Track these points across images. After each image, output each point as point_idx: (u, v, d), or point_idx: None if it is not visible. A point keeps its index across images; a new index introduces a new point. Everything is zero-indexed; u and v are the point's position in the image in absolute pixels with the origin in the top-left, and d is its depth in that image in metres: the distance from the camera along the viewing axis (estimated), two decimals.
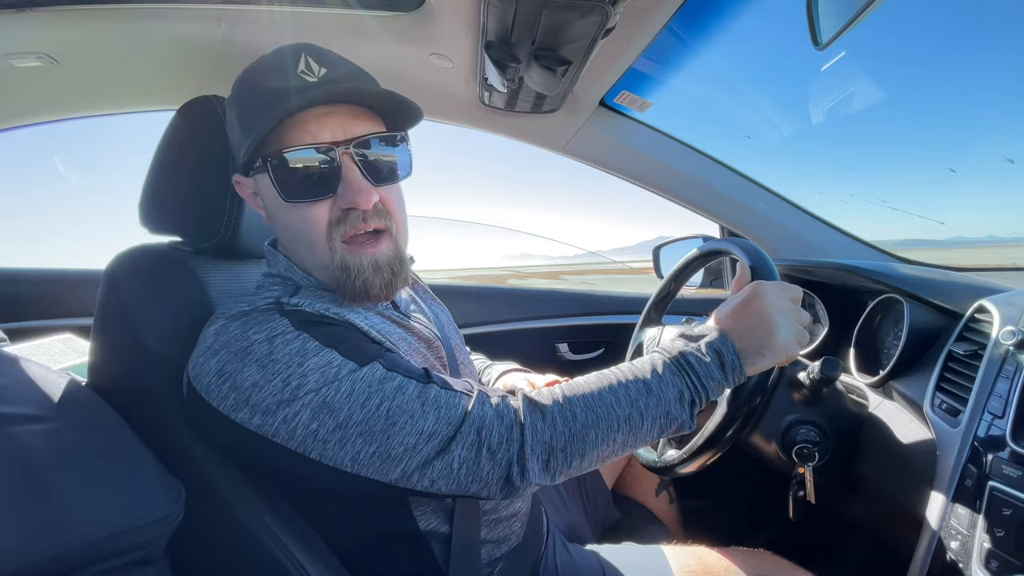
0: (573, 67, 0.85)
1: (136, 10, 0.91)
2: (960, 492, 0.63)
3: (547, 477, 0.55)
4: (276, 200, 0.60)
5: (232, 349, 0.53)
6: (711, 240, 1.38)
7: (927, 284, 0.92)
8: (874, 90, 2.11)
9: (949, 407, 0.71)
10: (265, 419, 0.51)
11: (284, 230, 0.64)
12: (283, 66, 0.58)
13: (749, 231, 1.39)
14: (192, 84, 1.09)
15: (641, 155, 1.31)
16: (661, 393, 0.58)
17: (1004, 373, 0.66)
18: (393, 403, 0.52)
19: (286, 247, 0.67)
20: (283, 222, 0.63)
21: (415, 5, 0.86)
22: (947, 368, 0.76)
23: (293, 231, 0.62)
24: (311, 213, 0.59)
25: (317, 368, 0.52)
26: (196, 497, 0.57)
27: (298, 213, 0.60)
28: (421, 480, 0.53)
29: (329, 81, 0.58)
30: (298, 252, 0.64)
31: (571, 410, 0.56)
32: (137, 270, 0.69)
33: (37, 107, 1.15)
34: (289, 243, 0.65)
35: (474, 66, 0.96)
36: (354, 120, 0.59)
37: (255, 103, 0.58)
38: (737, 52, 1.32)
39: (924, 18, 24.06)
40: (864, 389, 0.92)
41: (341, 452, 0.51)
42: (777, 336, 0.61)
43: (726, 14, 0.97)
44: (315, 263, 0.63)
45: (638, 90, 1.14)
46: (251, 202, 0.67)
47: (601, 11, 0.70)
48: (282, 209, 0.61)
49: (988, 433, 0.63)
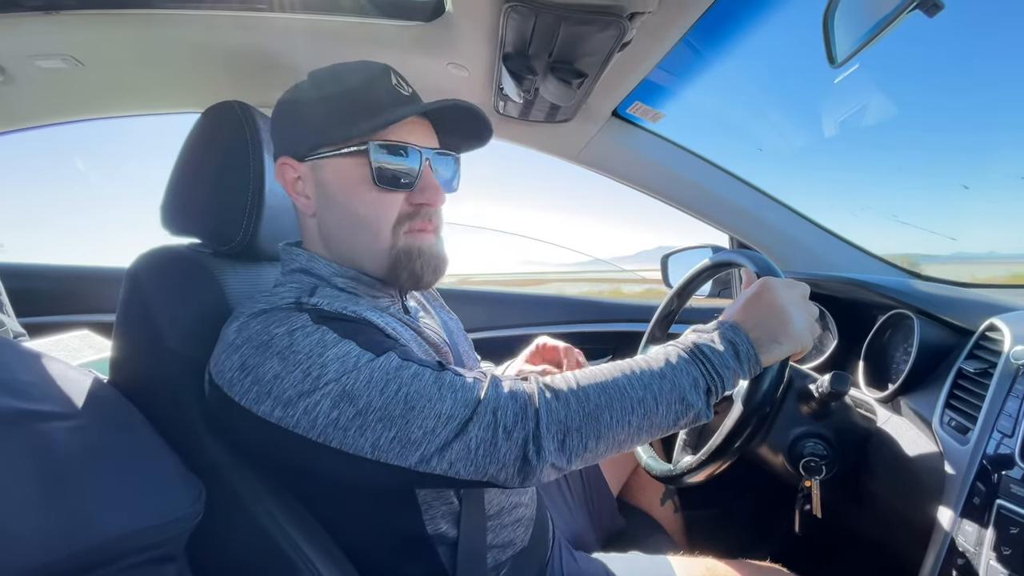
0: (589, 79, 0.86)
1: (158, 16, 0.93)
2: (968, 509, 0.63)
3: (563, 458, 0.55)
4: (355, 184, 0.65)
5: (254, 343, 0.55)
6: (719, 251, 1.39)
7: (938, 300, 0.92)
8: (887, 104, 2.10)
9: (958, 424, 0.71)
10: (286, 410, 0.53)
11: (348, 214, 0.66)
12: (380, 77, 0.66)
13: (759, 243, 1.39)
14: (212, 88, 1.12)
15: (653, 165, 1.31)
16: (675, 379, 0.58)
17: (1014, 392, 0.66)
18: (411, 388, 0.54)
19: (332, 233, 0.68)
20: (352, 206, 0.66)
21: (434, 15, 0.88)
22: (957, 385, 0.76)
23: (360, 215, 0.66)
24: (389, 201, 0.65)
25: (336, 358, 0.54)
26: (213, 496, 0.58)
27: (377, 199, 0.65)
28: (440, 463, 0.54)
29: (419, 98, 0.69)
30: (353, 237, 0.67)
31: (584, 392, 0.57)
32: (158, 271, 0.71)
33: (60, 107, 1.18)
34: (344, 228, 0.67)
35: (490, 76, 0.97)
36: (431, 133, 0.70)
37: (359, 96, 0.65)
38: (750, 65, 1.33)
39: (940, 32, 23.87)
40: (872, 404, 0.92)
41: (361, 439, 0.53)
42: (791, 326, 0.62)
43: (741, 28, 0.98)
44: (370, 249, 0.67)
45: (651, 101, 1.15)
46: (290, 187, 0.69)
47: (619, 26, 0.71)
48: (359, 193, 0.65)
49: (997, 451, 0.64)
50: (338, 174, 0.66)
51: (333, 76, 0.68)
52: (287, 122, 0.70)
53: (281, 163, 0.69)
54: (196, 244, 0.79)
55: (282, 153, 0.69)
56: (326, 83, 0.68)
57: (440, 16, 0.87)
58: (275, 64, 1.03)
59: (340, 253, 0.69)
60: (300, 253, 0.69)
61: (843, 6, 0.67)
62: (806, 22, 0.91)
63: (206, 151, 0.77)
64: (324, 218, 0.68)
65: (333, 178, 0.66)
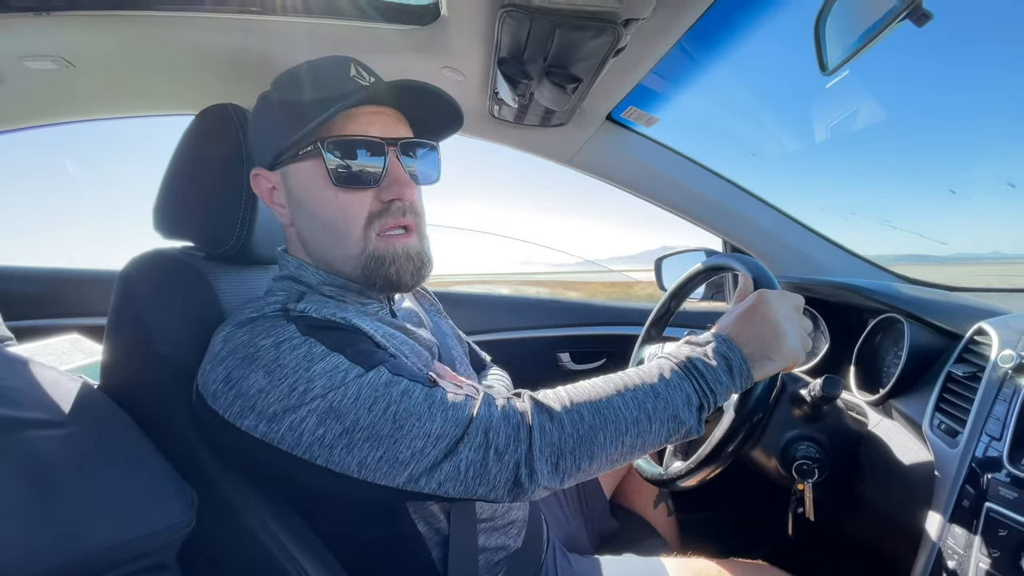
0: (583, 84, 0.86)
1: (153, 17, 0.92)
2: (957, 512, 0.64)
3: (556, 480, 0.55)
4: (316, 187, 0.62)
5: (239, 355, 0.54)
6: (713, 255, 1.40)
7: (927, 304, 0.93)
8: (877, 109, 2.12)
9: (948, 428, 0.72)
10: (271, 426, 0.51)
11: (315, 219, 0.64)
12: (334, 69, 0.64)
13: (752, 246, 1.41)
14: (208, 91, 1.11)
15: (646, 169, 1.32)
16: (669, 396, 0.58)
17: (1002, 396, 0.67)
18: (400, 406, 0.53)
19: (308, 240, 0.66)
20: (317, 211, 0.63)
21: (430, 19, 0.88)
22: (946, 389, 0.77)
23: (328, 219, 0.63)
24: (355, 201, 0.62)
25: (324, 373, 0.52)
26: (204, 503, 0.58)
27: (341, 200, 0.62)
28: (428, 483, 0.53)
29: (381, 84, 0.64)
30: (324, 243, 0.65)
31: (578, 412, 0.56)
32: (151, 274, 0.70)
33: (50, 108, 1.17)
34: (316, 234, 0.65)
35: (485, 80, 0.98)
36: (398, 123, 0.65)
37: (309, 94, 0.62)
38: (743, 71, 1.34)
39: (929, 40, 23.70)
40: (864, 407, 0.93)
41: (348, 457, 0.51)
42: (784, 341, 0.62)
43: (734, 34, 0.99)
44: (342, 254, 0.64)
45: (645, 106, 1.16)
46: (267, 197, 0.68)
47: (613, 31, 0.71)
48: (322, 197, 0.62)
49: (986, 454, 0.64)
50: (301, 179, 0.64)
51: (291, 77, 0.66)
52: (255, 132, 0.69)
53: (254, 174, 0.68)
54: (189, 247, 0.78)
55: (255, 163, 0.68)
56: (283, 86, 0.66)
57: (436, 20, 0.87)
58: (270, 67, 1.02)
59: (319, 259, 0.67)
60: (290, 260, 0.69)
61: (834, 14, 0.68)
62: (798, 28, 0.92)
63: (200, 154, 0.76)
64: (299, 226, 0.67)
65: (297, 184, 0.64)
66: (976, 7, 31.15)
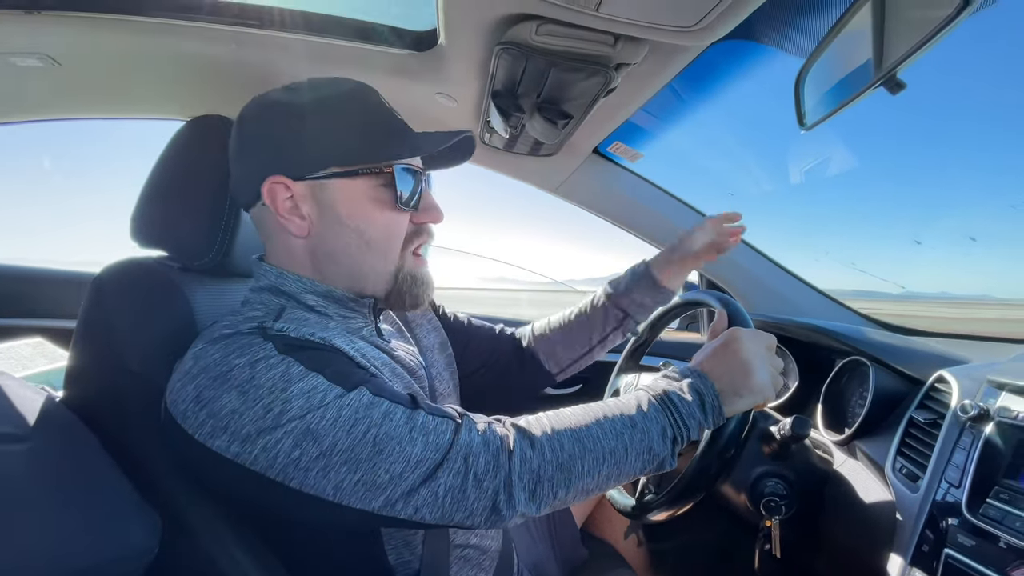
0: (574, 121, 0.89)
1: (146, 23, 0.91)
2: (917, 557, 0.66)
3: (533, 507, 0.55)
4: (366, 205, 0.64)
5: (211, 374, 0.52)
6: (691, 288, 1.43)
7: (892, 350, 0.97)
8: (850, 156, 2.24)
9: (909, 472, 0.75)
10: (244, 447, 0.50)
11: (358, 236, 0.64)
12: (378, 98, 0.66)
13: (728, 282, 1.44)
14: (197, 99, 1.10)
15: (629, 202, 1.35)
16: (645, 428, 0.59)
17: (961, 444, 0.69)
18: (380, 430, 0.52)
19: (334, 254, 0.64)
20: (363, 228, 0.64)
21: (427, 47, 0.89)
22: (908, 434, 0.80)
23: (372, 237, 0.64)
24: (400, 222, 0.66)
25: (302, 394, 0.51)
26: (168, 527, 0.56)
27: (388, 219, 0.65)
28: (405, 508, 0.52)
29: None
30: (361, 258, 0.65)
31: (559, 440, 0.56)
32: (125, 284, 0.68)
33: (33, 105, 1.14)
34: (352, 249, 0.64)
35: (478, 109, 0.99)
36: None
37: (358, 116, 0.64)
38: (726, 114, 1.39)
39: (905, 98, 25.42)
40: (830, 445, 0.96)
41: (324, 480, 0.50)
42: (754, 378, 0.63)
43: (718, 80, 1.03)
44: (378, 270, 0.66)
45: (631, 141, 1.19)
46: (280, 207, 0.63)
47: (605, 74, 0.74)
48: (371, 215, 0.64)
49: (944, 500, 0.67)
50: (349, 195, 0.63)
51: (337, 93, 0.64)
52: (282, 137, 0.63)
53: (273, 182, 0.62)
54: (164, 257, 0.76)
55: (273, 171, 0.62)
56: (332, 99, 0.63)
57: (433, 48, 0.88)
58: (262, 80, 1.02)
59: (336, 275, 0.65)
60: (269, 269, 0.65)
61: (814, 73, 0.72)
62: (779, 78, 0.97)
63: (186, 163, 0.75)
64: (325, 240, 0.64)
65: (344, 199, 0.63)
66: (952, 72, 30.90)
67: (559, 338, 0.96)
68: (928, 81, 24.24)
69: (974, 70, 30.72)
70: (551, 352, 0.96)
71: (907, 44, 0.55)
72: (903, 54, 0.56)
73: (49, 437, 0.52)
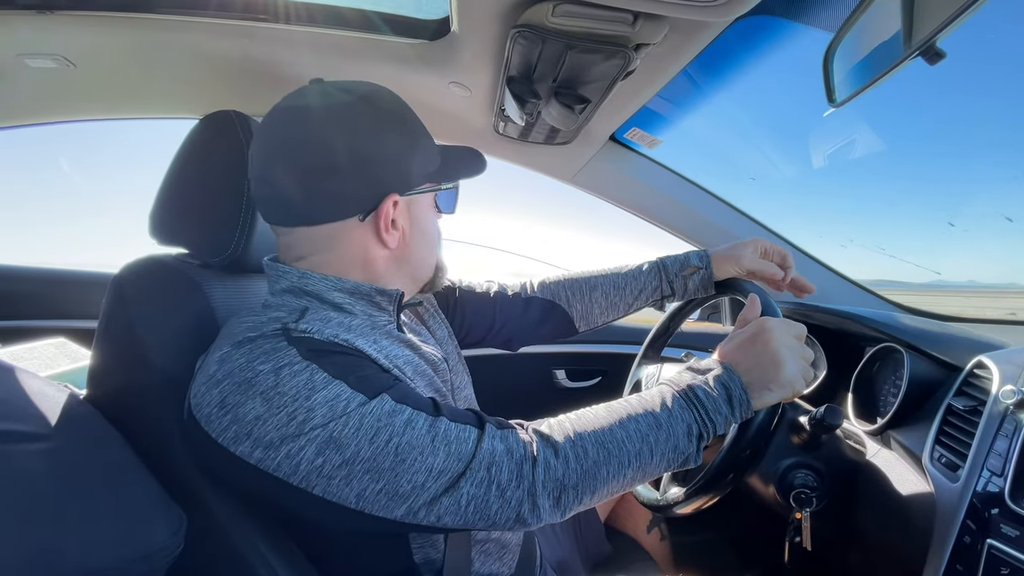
0: (591, 105, 0.86)
1: (158, 20, 0.91)
2: (958, 549, 0.64)
3: (557, 514, 0.55)
4: (430, 212, 0.70)
5: (236, 380, 0.51)
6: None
7: (927, 336, 0.94)
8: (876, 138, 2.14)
9: (948, 461, 0.72)
10: (267, 453, 0.50)
11: (427, 239, 0.70)
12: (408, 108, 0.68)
13: None
14: (210, 96, 1.10)
15: (647, 190, 1.32)
16: (671, 428, 0.58)
17: (1003, 431, 0.67)
18: (403, 439, 0.51)
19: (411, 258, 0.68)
20: (431, 232, 0.71)
21: (439, 35, 0.88)
22: (946, 422, 0.77)
23: (433, 239, 0.72)
24: (438, 221, 0.73)
25: (325, 402, 0.50)
26: (193, 524, 0.56)
27: (438, 221, 0.73)
28: (427, 516, 0.52)
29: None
30: (426, 258, 0.71)
31: (583, 446, 0.56)
32: (145, 282, 0.68)
33: (50, 107, 1.15)
34: (422, 251, 0.70)
35: (492, 97, 0.97)
36: None
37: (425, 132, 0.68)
38: (746, 96, 1.35)
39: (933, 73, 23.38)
40: (862, 436, 0.93)
41: (346, 489, 0.50)
42: (784, 371, 0.61)
43: (739, 60, 1.00)
44: (431, 264, 0.72)
45: (649, 128, 1.16)
46: (385, 224, 0.62)
47: (624, 55, 0.72)
48: (432, 220, 0.71)
49: (986, 490, 0.64)
50: (427, 206, 0.69)
51: (403, 104, 0.66)
52: (398, 157, 0.63)
53: (394, 202, 0.62)
54: (184, 255, 0.77)
55: (393, 188, 0.62)
56: (408, 112, 0.65)
57: (445, 36, 0.87)
58: (276, 75, 1.02)
59: (398, 277, 0.68)
60: (289, 270, 0.63)
61: (843, 47, 0.69)
62: (802, 56, 0.93)
63: (202, 160, 0.75)
64: (410, 248, 0.67)
65: (423, 210, 0.69)
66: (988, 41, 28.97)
67: (602, 301, 0.95)
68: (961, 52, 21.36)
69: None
70: (586, 312, 0.95)
71: (947, 10, 0.52)
72: (943, 21, 0.53)
73: (73, 435, 0.52)
